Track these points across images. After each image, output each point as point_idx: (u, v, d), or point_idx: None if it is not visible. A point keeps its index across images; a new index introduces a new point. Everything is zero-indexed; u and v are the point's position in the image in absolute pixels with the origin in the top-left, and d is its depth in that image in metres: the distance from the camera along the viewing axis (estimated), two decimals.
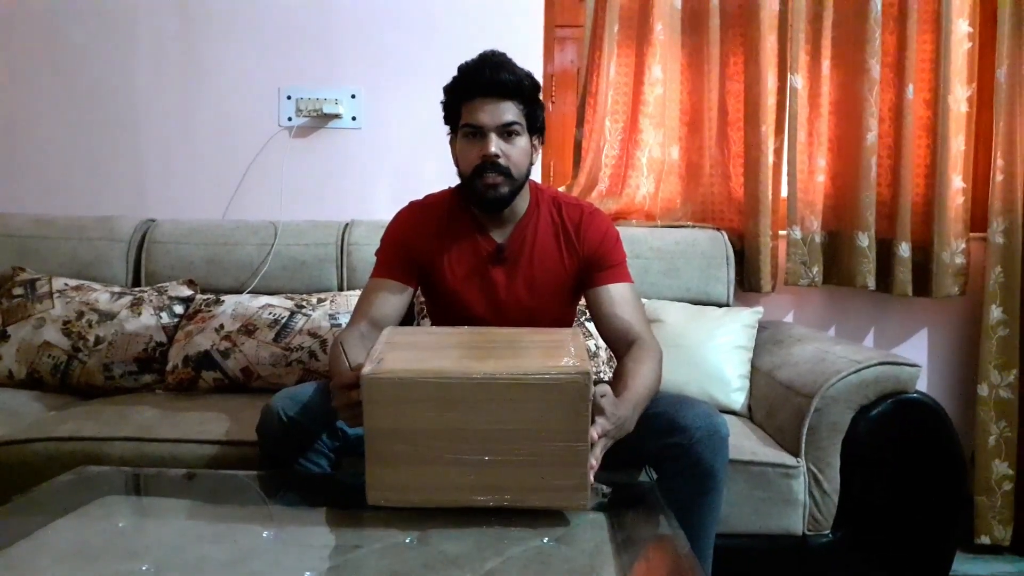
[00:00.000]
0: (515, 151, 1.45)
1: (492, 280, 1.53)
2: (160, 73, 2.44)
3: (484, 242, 1.53)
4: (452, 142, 1.52)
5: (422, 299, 1.91)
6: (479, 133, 1.43)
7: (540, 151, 1.55)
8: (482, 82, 1.42)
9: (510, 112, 1.43)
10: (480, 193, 1.46)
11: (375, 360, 1.08)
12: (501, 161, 1.43)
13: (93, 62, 2.43)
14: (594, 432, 1.09)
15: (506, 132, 1.43)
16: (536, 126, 1.50)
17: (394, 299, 1.49)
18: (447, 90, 1.49)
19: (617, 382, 1.33)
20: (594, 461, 1.09)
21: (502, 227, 1.54)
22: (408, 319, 1.76)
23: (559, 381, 1.03)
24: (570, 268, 1.54)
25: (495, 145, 1.42)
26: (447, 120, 1.52)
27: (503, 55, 1.46)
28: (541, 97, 1.51)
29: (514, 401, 1.04)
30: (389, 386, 1.04)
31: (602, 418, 1.14)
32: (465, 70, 1.45)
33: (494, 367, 1.06)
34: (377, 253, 1.58)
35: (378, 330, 1.35)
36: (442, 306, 1.58)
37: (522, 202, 1.54)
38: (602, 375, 1.91)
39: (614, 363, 1.60)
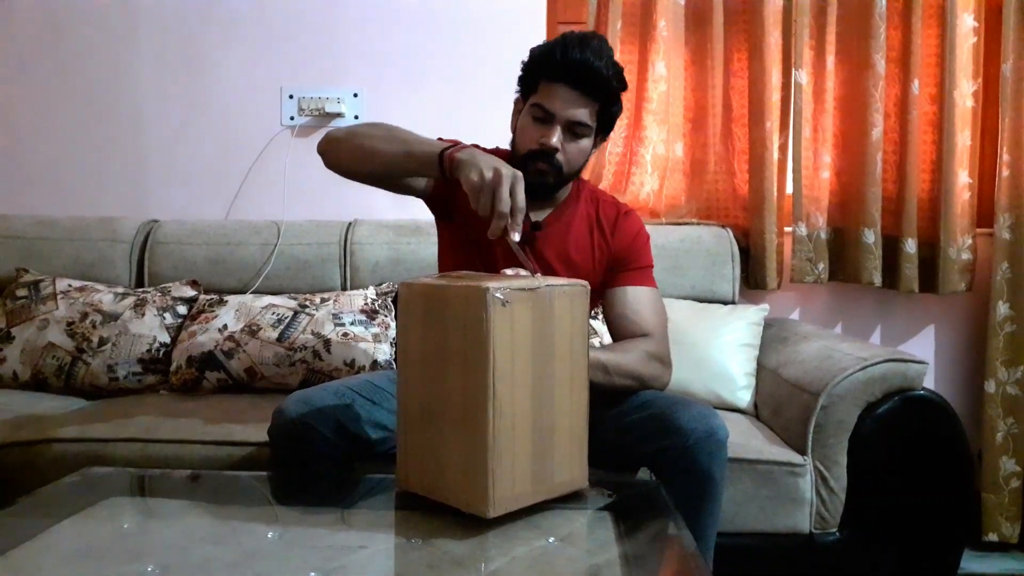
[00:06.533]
0: (574, 149, 1.40)
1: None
2: (162, 73, 2.44)
3: None
4: (516, 104, 1.47)
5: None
6: (547, 118, 1.38)
7: (598, 147, 1.50)
8: (570, 70, 1.35)
9: (584, 112, 1.37)
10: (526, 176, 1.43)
11: None
12: (558, 156, 1.39)
13: (95, 63, 2.44)
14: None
15: (572, 129, 1.39)
16: (606, 125, 1.45)
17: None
18: (534, 56, 1.40)
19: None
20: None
21: (540, 208, 1.51)
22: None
23: None
24: (599, 262, 1.51)
25: (557, 137, 1.37)
26: (520, 83, 1.44)
27: (602, 44, 1.37)
28: (622, 96, 1.44)
29: None
30: None
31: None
32: (561, 48, 1.35)
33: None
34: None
35: None
36: (461, 260, 1.50)
37: (564, 189, 1.51)
38: None
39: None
